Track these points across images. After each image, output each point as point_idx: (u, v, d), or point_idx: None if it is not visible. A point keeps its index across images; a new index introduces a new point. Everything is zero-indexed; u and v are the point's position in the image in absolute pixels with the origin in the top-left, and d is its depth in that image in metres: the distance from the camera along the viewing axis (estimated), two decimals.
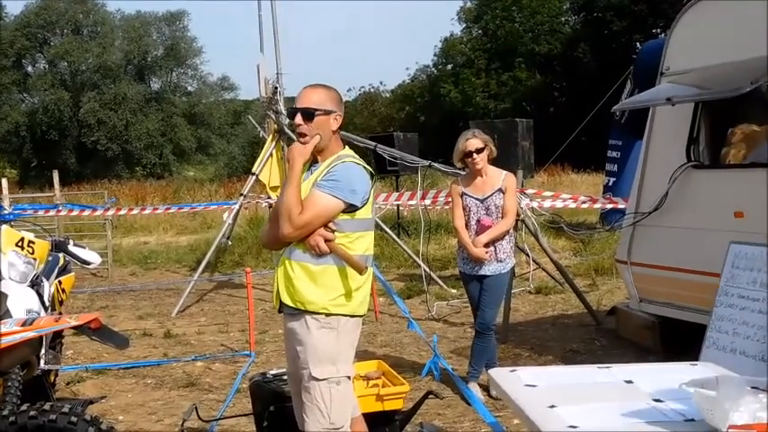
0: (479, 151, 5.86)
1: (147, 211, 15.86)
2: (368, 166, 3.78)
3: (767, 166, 6.02)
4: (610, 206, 11.81)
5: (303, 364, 3.68)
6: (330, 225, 3.63)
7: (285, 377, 4.68)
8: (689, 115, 6.48)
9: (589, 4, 42.31)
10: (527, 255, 9.71)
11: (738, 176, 6.38)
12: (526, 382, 2.98)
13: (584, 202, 11.90)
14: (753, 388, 2.37)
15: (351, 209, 3.65)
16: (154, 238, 18.32)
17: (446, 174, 9.43)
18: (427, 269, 9.69)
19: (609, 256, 11.13)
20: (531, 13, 44.99)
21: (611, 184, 13.98)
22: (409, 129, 35.06)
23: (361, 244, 3.71)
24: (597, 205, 12.45)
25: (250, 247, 13.75)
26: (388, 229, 11.77)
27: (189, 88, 52.46)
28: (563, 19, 46.22)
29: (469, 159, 5.90)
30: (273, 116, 10.80)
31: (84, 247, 6.08)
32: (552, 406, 2.67)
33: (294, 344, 3.74)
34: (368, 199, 3.72)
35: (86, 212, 13.89)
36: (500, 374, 3.22)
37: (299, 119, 3.71)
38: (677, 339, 6.72)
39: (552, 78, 44.50)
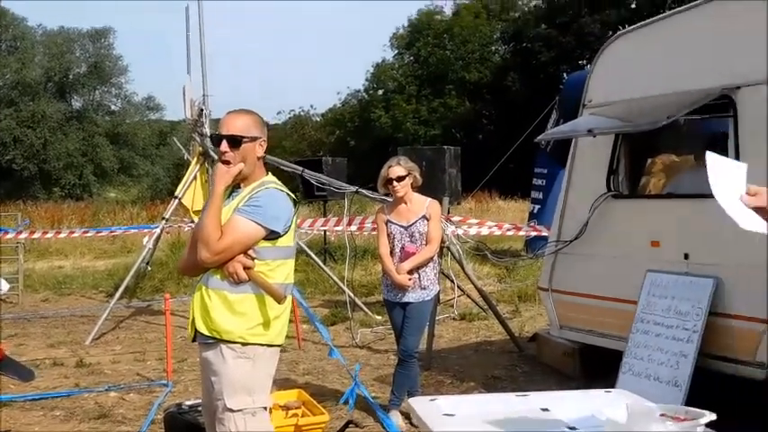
0: (400, 179, 5.86)
1: (62, 235, 15.35)
2: (291, 193, 3.72)
3: (683, 196, 6.17)
4: (534, 234, 11.97)
5: (218, 395, 3.58)
6: (250, 252, 3.54)
7: (201, 408, 4.56)
8: (609, 146, 6.61)
9: (518, 34, 43.25)
10: (452, 281, 9.73)
11: (655, 206, 6.53)
12: (444, 411, 2.96)
13: (509, 230, 12.04)
14: (662, 415, 2.39)
15: (272, 236, 3.58)
16: (70, 262, 17.76)
17: (373, 200, 9.41)
18: (352, 296, 9.62)
19: (532, 283, 11.26)
20: (462, 41, 45.74)
21: (536, 211, 14.20)
22: (339, 153, 35.10)
23: (281, 272, 3.64)
24: (522, 233, 12.62)
25: (171, 272, 13.44)
26: (313, 255, 11.67)
27: (113, 107, 51.71)
28: (493, 48, 47.13)
29: (391, 186, 5.89)
30: (198, 138, 10.62)
31: None
32: None
33: (209, 374, 3.63)
34: (290, 226, 3.66)
35: None
36: (419, 403, 3.20)
37: (224, 146, 3.62)
38: (597, 366, 6.79)
39: (482, 106, 45.21)
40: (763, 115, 5.35)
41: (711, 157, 2.43)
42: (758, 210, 2.44)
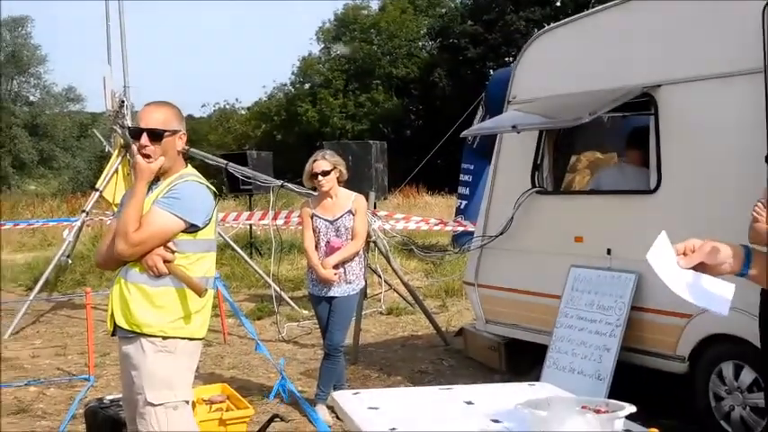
0: (325, 173, 5.84)
1: None
2: (211, 186, 3.67)
3: (606, 192, 6.30)
4: (461, 229, 12.08)
5: (138, 389, 3.52)
6: (170, 245, 3.48)
7: (122, 402, 4.48)
8: (533, 142, 6.70)
9: (445, 30, 43.55)
10: (379, 276, 9.76)
11: (578, 202, 6.65)
12: (369, 405, 2.97)
13: (435, 225, 12.13)
14: (583, 407, 2.44)
15: (192, 229, 3.52)
16: None
17: (299, 194, 9.36)
18: (278, 290, 9.56)
19: (459, 277, 11.34)
20: (389, 36, 45.82)
21: (462, 206, 14.30)
22: (265, 147, 34.80)
23: (201, 265, 3.59)
24: (448, 228, 12.72)
25: (92, 266, 13.12)
26: (239, 249, 11.56)
27: (31, 98, 50.09)
28: (420, 44, 47.33)
29: (316, 181, 5.87)
30: (120, 131, 10.42)
31: None
32: (393, 429, 2.66)
33: (129, 368, 3.57)
34: (210, 219, 3.61)
35: None
36: (343, 397, 3.21)
37: (144, 139, 3.54)
38: (523, 360, 6.90)
39: (409, 101, 45.38)
40: (682, 114, 5.49)
41: (652, 256, 2.27)
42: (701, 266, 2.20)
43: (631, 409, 2.40)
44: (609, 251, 5.92)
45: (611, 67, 6.04)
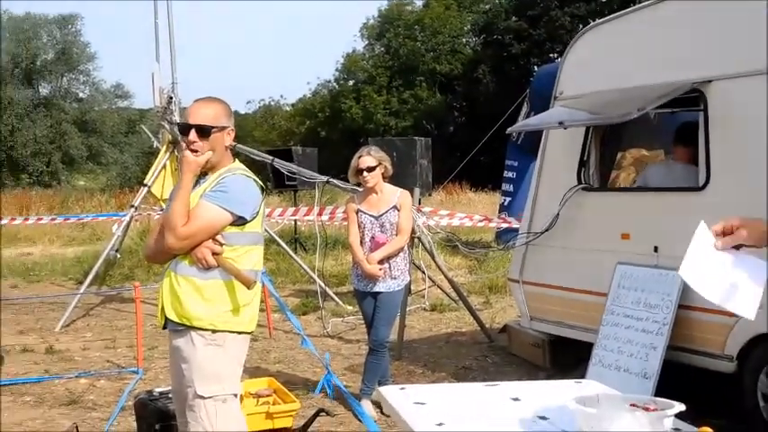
0: (371, 169, 5.87)
1: (30, 221, 15.19)
2: (258, 180, 3.71)
3: (653, 189, 6.23)
4: (505, 225, 12.03)
5: (188, 382, 3.57)
6: (218, 238, 3.53)
7: (171, 395, 4.55)
8: (580, 139, 6.65)
9: (489, 26, 43.34)
10: (423, 272, 9.77)
11: (625, 199, 6.60)
12: (415, 400, 2.97)
13: (480, 221, 12.09)
14: (632, 405, 2.43)
15: (240, 221, 3.56)
16: (38, 249, 17.60)
17: (344, 190, 9.41)
18: (323, 285, 9.62)
19: (503, 274, 11.31)
20: (432, 32, 45.73)
21: (506, 203, 14.25)
22: (309, 143, 34.98)
23: (249, 258, 3.63)
24: (492, 224, 12.68)
25: (141, 260, 13.32)
26: (284, 245, 11.65)
27: (81, 95, 50.77)
28: (464, 40, 47.18)
29: (361, 177, 5.90)
30: (168, 126, 10.55)
31: None
32: (440, 424, 2.66)
33: (179, 361, 3.62)
34: (258, 212, 3.64)
35: None
36: (390, 392, 3.21)
37: (193, 135, 3.59)
38: (567, 357, 6.86)
39: (452, 98, 45.29)
40: (732, 110, 5.41)
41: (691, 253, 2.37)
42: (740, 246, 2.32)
43: (681, 407, 2.38)
44: (656, 249, 5.85)
45: (659, 63, 5.97)
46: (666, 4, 6.04)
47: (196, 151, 3.59)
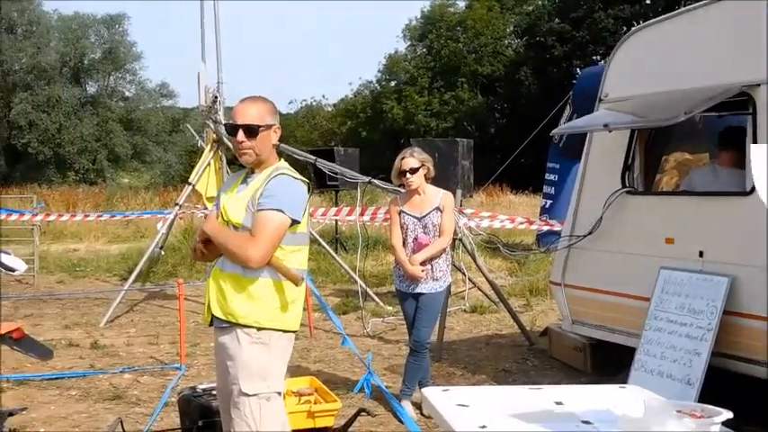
0: (414, 171, 5.87)
1: (77, 218, 15.47)
2: (303, 179, 3.74)
3: (698, 194, 6.16)
4: (546, 228, 11.96)
5: (233, 380, 3.61)
6: None
7: (215, 392, 4.60)
8: (625, 142, 6.60)
9: (532, 28, 43.11)
10: (463, 274, 9.76)
11: (670, 203, 6.52)
12: (458, 402, 2.98)
13: (521, 224, 12.04)
14: (678, 411, 2.41)
15: (292, 223, 3.60)
16: (84, 245, 17.90)
17: (386, 191, 9.43)
18: (364, 285, 9.65)
19: (543, 277, 11.26)
20: (474, 34, 45.63)
21: (547, 206, 14.18)
22: (350, 144, 35.13)
23: (295, 258, 3.66)
24: (534, 227, 12.61)
25: (184, 257, 13.52)
26: (325, 244, 11.70)
27: (126, 93, 51.53)
28: (506, 42, 47.01)
29: (405, 178, 5.90)
30: (212, 125, 10.66)
31: (9, 253, 5.87)
32: (483, 426, 2.67)
33: (224, 358, 3.66)
34: (305, 211, 3.68)
35: (13, 217, 13.46)
36: (432, 393, 3.22)
37: (241, 135, 3.64)
38: (608, 361, 6.80)
39: (494, 99, 45.15)
40: None
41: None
42: None
43: (728, 414, 2.36)
44: (701, 253, 5.79)
45: (707, 65, 5.90)
46: (714, 6, 5.96)
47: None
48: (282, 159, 3.82)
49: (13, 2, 46.77)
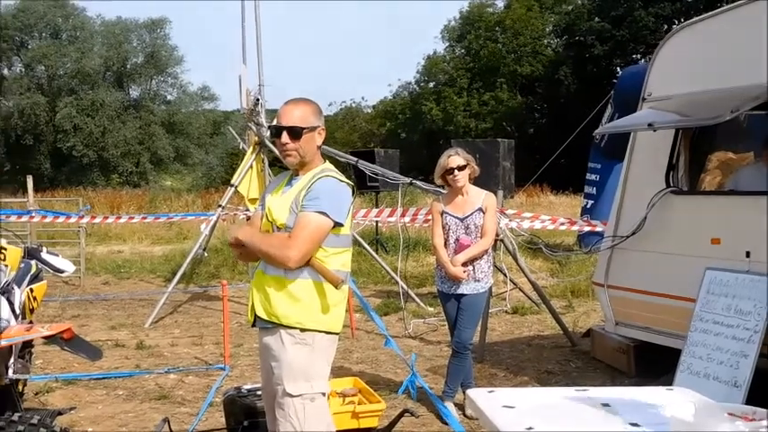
0: (461, 168, 5.86)
1: (122, 220, 15.71)
2: (349, 181, 3.76)
3: (745, 193, 6.07)
4: (588, 229, 11.88)
5: (277, 380, 3.64)
6: None
7: (260, 392, 4.64)
8: (669, 141, 6.52)
9: (571, 27, 42.77)
10: (504, 274, 9.73)
11: (716, 203, 6.43)
12: (504, 403, 2.96)
13: (562, 224, 11.96)
14: (729, 414, 2.38)
15: (335, 226, 3.62)
16: (128, 247, 18.17)
17: (427, 191, 9.44)
18: (405, 286, 9.66)
19: (585, 278, 11.18)
20: (513, 34, 45.40)
21: (589, 206, 14.07)
22: (389, 145, 35.18)
23: (338, 260, 3.68)
24: (575, 227, 12.52)
25: (226, 259, 13.67)
26: (366, 245, 11.74)
27: (168, 97, 52.10)
28: (545, 41, 46.68)
29: (450, 176, 5.89)
30: (254, 128, 10.74)
31: (57, 255, 6.00)
32: (530, 428, 2.65)
33: (269, 359, 3.69)
34: (348, 214, 3.70)
35: (60, 219, 13.70)
36: (478, 395, 3.20)
37: (285, 137, 3.66)
38: (651, 363, 6.73)
39: (533, 100, 44.88)
40: None
41: None
42: None
43: None
44: (748, 254, 5.70)
45: (753, 64, 5.80)
46: (759, 4, 5.86)
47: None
48: (328, 162, 3.84)
49: (57, 8, 47.62)
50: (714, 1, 31.21)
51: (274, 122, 3.79)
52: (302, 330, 3.62)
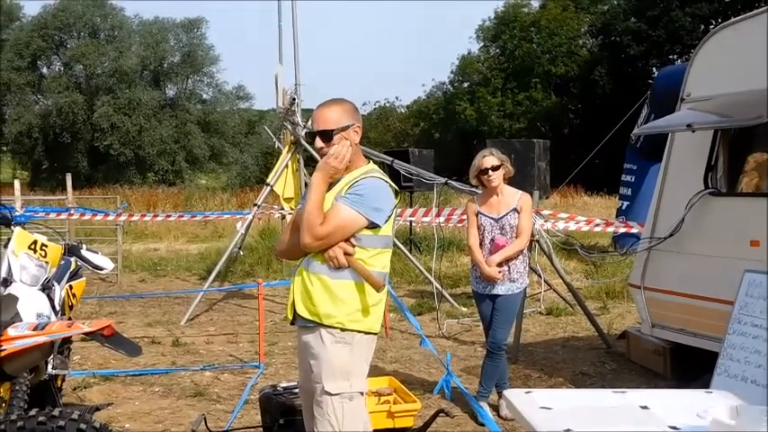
0: (495, 169, 5.85)
1: (159, 218, 15.86)
2: (393, 184, 3.76)
3: None
4: (623, 230, 11.78)
5: (316, 378, 3.65)
6: (351, 239, 3.60)
7: (296, 390, 4.68)
8: (708, 142, 6.46)
9: (607, 27, 42.40)
10: (539, 275, 9.67)
11: (756, 205, 6.35)
12: (541, 404, 2.96)
13: (597, 225, 11.88)
14: None
15: (374, 225, 3.62)
16: (164, 245, 18.35)
17: (461, 191, 9.42)
18: (439, 286, 9.65)
19: (620, 279, 11.09)
20: (548, 34, 45.13)
21: (624, 207, 13.95)
22: (423, 145, 35.14)
23: (379, 260, 3.69)
24: (611, 228, 12.42)
25: (261, 257, 13.75)
26: (400, 245, 11.75)
27: (204, 96, 52.42)
28: (581, 41, 46.34)
29: (485, 177, 5.88)
30: (290, 127, 10.79)
31: (96, 252, 6.07)
32: (568, 429, 2.65)
33: (308, 357, 3.71)
34: (390, 216, 3.70)
35: (98, 217, 13.87)
36: (515, 395, 3.20)
37: (318, 142, 3.68)
38: (688, 366, 6.68)
39: (568, 100, 44.59)
40: None
41: None
42: None
43: None
44: None
45: None
46: None
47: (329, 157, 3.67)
48: (372, 162, 3.84)
49: (96, 7, 48.21)
50: (752, 1, 30.82)
51: (309, 125, 3.81)
52: (342, 330, 3.63)
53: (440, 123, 48.65)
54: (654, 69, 37.76)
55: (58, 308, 5.20)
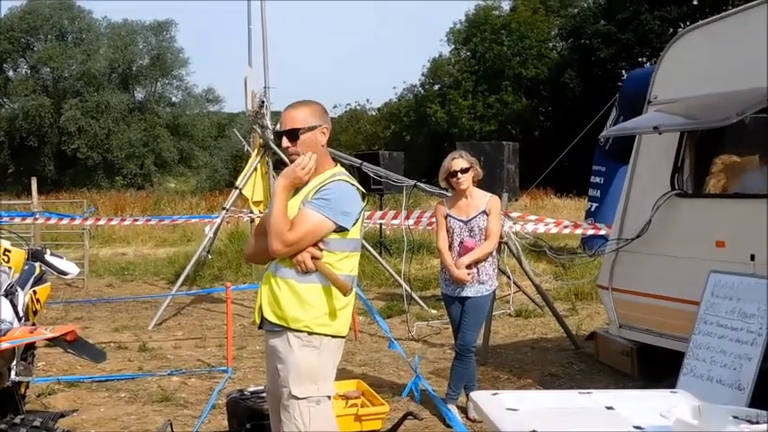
0: (464, 171, 5.86)
1: (126, 222, 15.71)
2: (360, 187, 3.74)
3: (750, 196, 6.05)
4: (592, 231, 11.86)
5: (283, 382, 3.62)
6: (319, 243, 3.58)
7: (263, 394, 4.64)
8: (674, 144, 6.52)
9: (577, 30, 42.72)
10: (508, 277, 9.70)
11: (721, 206, 6.42)
12: (508, 406, 2.96)
13: (566, 227, 11.94)
14: (734, 417, 2.37)
15: (341, 228, 3.60)
16: (132, 249, 18.18)
17: (431, 194, 9.43)
18: (408, 289, 9.64)
19: (589, 281, 11.16)
20: (519, 37, 45.40)
21: (593, 209, 14.04)
22: (394, 147, 35.13)
23: (347, 264, 3.67)
24: (579, 230, 12.50)
25: (230, 261, 13.67)
26: (370, 248, 11.73)
27: (173, 99, 52.00)
28: (551, 44, 46.67)
29: (454, 179, 5.89)
30: (259, 130, 10.73)
31: (61, 257, 6.00)
32: (534, 430, 2.65)
33: (275, 361, 3.68)
34: (358, 220, 3.68)
35: (64, 221, 13.69)
36: (482, 397, 3.20)
37: (285, 142, 3.66)
38: (655, 366, 6.72)
39: (538, 102, 44.87)
40: None
41: None
42: None
43: None
44: (752, 257, 5.69)
45: (759, 66, 5.80)
46: (765, 7, 5.85)
47: (293, 158, 3.65)
48: (339, 165, 3.81)
49: (64, 10, 47.67)
50: (720, 4, 31.18)
51: (278, 127, 3.79)
52: (310, 333, 3.60)
53: (411, 126, 48.74)
54: (623, 72, 38.08)
55: (21, 313, 5.12)
